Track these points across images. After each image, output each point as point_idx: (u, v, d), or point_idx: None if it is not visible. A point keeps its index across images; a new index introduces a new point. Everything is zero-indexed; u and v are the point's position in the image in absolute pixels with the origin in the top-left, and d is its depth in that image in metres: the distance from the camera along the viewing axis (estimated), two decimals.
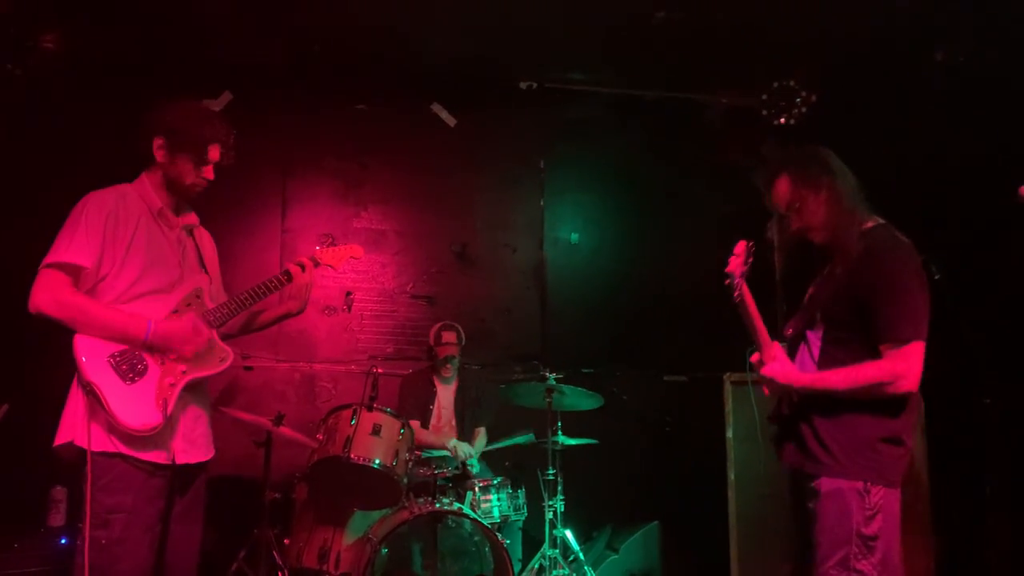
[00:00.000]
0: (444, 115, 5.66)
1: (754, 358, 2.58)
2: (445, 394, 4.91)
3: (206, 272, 2.96)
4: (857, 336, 2.49)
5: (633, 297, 5.74)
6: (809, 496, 2.50)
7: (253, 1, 4.65)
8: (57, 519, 3.93)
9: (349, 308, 5.40)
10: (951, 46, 4.77)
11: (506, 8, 4.78)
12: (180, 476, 2.74)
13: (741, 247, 2.77)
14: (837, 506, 2.43)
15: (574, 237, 5.87)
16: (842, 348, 2.51)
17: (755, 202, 5.91)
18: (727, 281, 2.77)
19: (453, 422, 4.87)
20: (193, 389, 2.78)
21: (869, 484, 2.43)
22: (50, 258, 2.64)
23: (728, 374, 4.54)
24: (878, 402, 2.45)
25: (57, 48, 4.90)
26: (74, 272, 2.64)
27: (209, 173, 2.85)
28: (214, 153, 2.83)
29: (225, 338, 2.97)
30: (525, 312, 5.71)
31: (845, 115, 5.31)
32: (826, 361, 2.54)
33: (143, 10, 4.67)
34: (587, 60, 5.53)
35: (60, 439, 2.60)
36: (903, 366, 2.40)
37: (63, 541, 3.79)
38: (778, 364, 2.56)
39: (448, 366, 4.85)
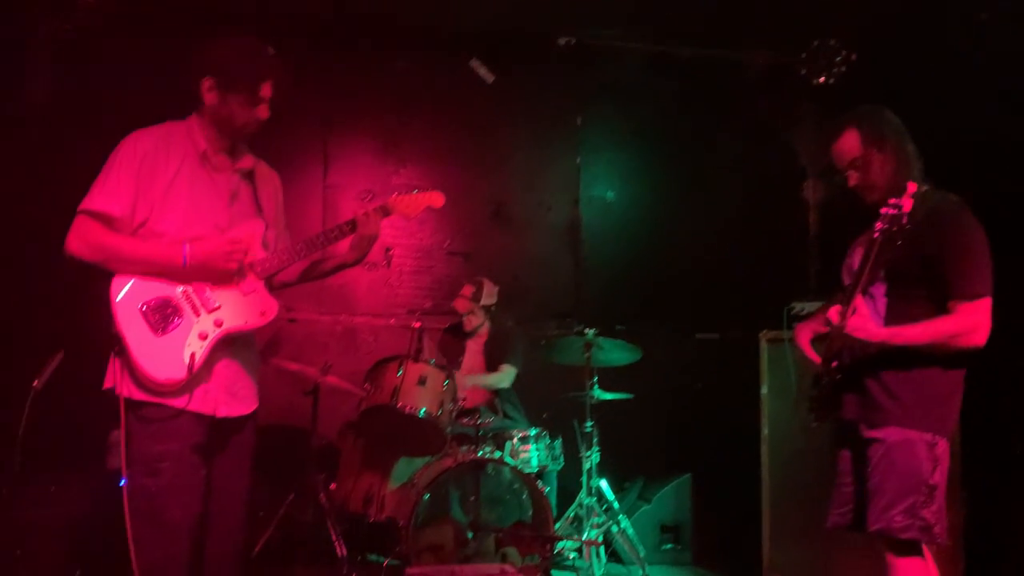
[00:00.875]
0: (482, 71, 5.67)
1: (833, 311, 2.56)
2: (473, 348, 5.01)
3: (262, 218, 2.81)
4: (924, 292, 2.56)
5: (667, 255, 5.80)
6: (870, 446, 2.60)
7: None
8: (115, 462, 4.06)
9: (389, 263, 5.51)
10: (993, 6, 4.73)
11: None
12: (224, 428, 2.70)
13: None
14: (907, 456, 2.53)
15: (610, 195, 5.91)
16: (909, 303, 2.58)
17: (790, 162, 5.95)
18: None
19: (484, 372, 4.97)
20: (236, 342, 2.70)
21: (936, 436, 2.53)
22: (83, 204, 2.59)
23: (764, 332, 4.60)
24: (946, 356, 2.54)
25: (101, 5, 4.97)
26: (106, 220, 2.57)
27: (263, 111, 2.69)
28: (267, 90, 2.66)
29: (283, 285, 2.91)
30: (559, 269, 5.79)
31: (885, 75, 5.28)
32: (893, 316, 2.61)
33: None
34: (625, 17, 5.51)
35: (107, 383, 2.62)
36: (974, 321, 2.50)
37: (122, 483, 3.94)
38: (860, 319, 2.54)
39: (463, 319, 4.93)
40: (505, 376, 4.84)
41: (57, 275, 4.59)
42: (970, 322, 2.50)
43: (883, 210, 2.42)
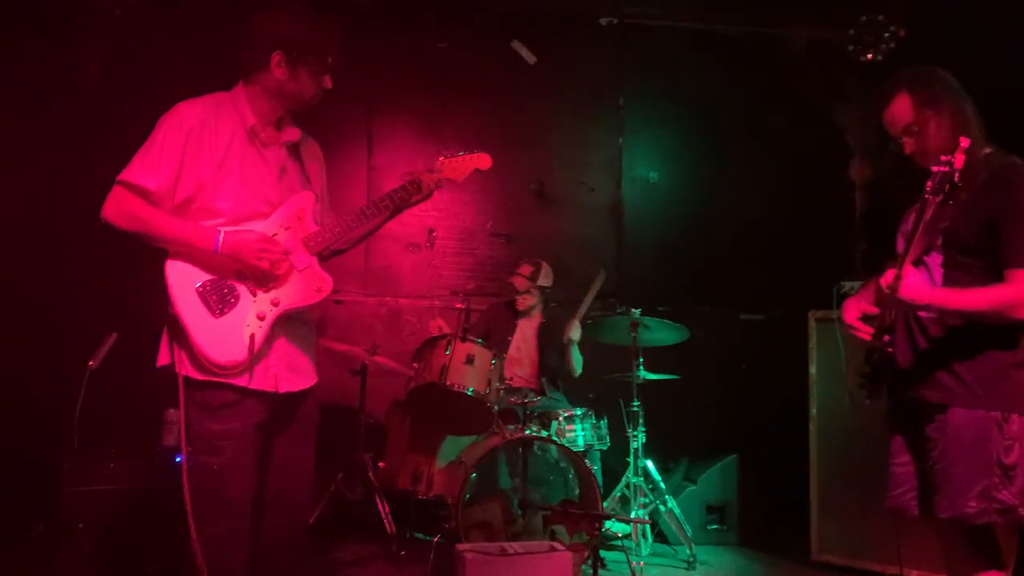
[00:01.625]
0: (524, 52, 5.66)
1: (886, 277, 2.38)
2: (525, 329, 5.01)
3: (310, 189, 2.77)
4: (982, 261, 2.41)
5: (710, 236, 5.75)
6: (934, 427, 2.45)
7: None
8: (170, 439, 4.15)
9: (431, 245, 5.53)
10: None
11: None
12: (287, 403, 2.69)
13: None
14: (975, 437, 2.38)
15: (653, 176, 5.88)
16: (966, 273, 2.43)
17: (836, 141, 5.86)
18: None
19: (534, 356, 4.97)
20: (293, 318, 2.68)
21: (1007, 413, 2.38)
22: (122, 175, 2.54)
23: (812, 311, 4.55)
24: (1003, 328, 2.39)
25: None
26: (142, 193, 2.52)
27: (328, 82, 2.67)
28: (332, 61, 2.66)
29: (333, 254, 2.86)
30: (602, 250, 5.77)
31: (936, 51, 5.17)
32: (949, 285, 2.45)
33: None
34: None
35: (161, 361, 2.59)
36: None
37: (178, 459, 4.02)
38: (912, 280, 2.38)
39: (517, 298, 4.93)
40: (580, 362, 4.86)
41: (110, 256, 4.73)
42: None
43: (934, 168, 2.26)
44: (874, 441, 3.10)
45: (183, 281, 2.52)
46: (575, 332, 4.71)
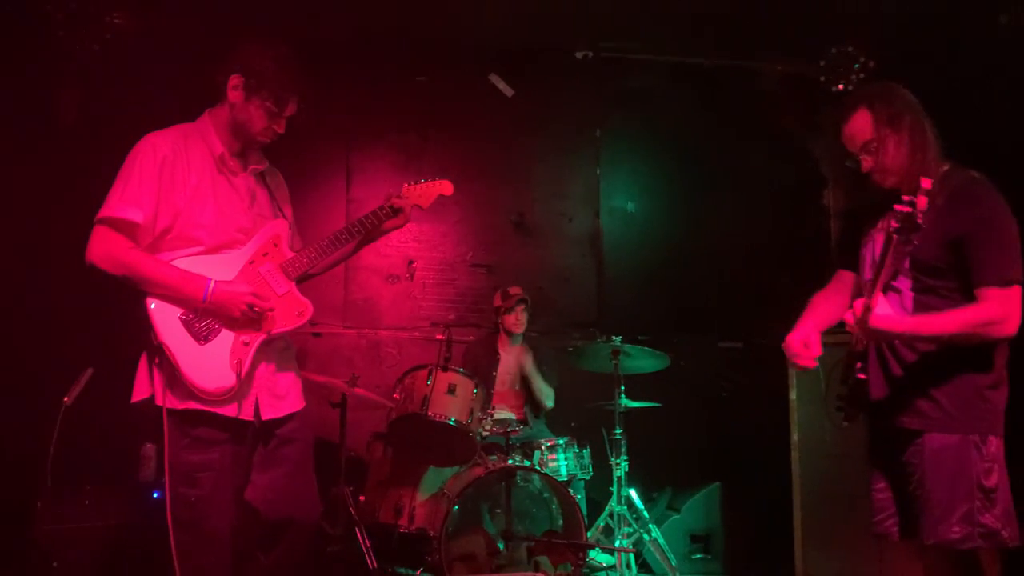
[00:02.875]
0: (502, 85, 5.73)
1: (856, 305, 2.36)
2: (508, 361, 5.00)
3: (283, 216, 2.78)
4: (952, 282, 2.39)
5: (688, 265, 5.80)
6: (913, 453, 2.41)
7: None
8: (147, 474, 4.09)
9: (412, 276, 5.53)
10: (1017, 8, 4.73)
11: None
12: (274, 430, 2.66)
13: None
14: (954, 461, 2.35)
15: (630, 206, 5.93)
16: (936, 296, 2.40)
17: (810, 170, 5.95)
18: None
19: (517, 387, 4.97)
20: (272, 343, 2.66)
21: (985, 435, 2.35)
22: (102, 212, 2.50)
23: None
24: (977, 348, 2.36)
25: (128, 23, 5.05)
26: (127, 228, 2.49)
27: (281, 127, 2.63)
28: (292, 107, 2.61)
29: (306, 278, 2.82)
30: (582, 280, 5.81)
31: (904, 81, 5.29)
32: (921, 311, 2.42)
33: None
34: (643, 29, 5.56)
35: (137, 395, 2.55)
36: (1007, 308, 2.31)
37: (155, 495, 3.96)
38: (882, 310, 2.36)
39: (508, 319, 4.93)
40: (550, 395, 4.89)
41: (85, 292, 4.68)
42: (1001, 310, 2.30)
43: (896, 207, 2.19)
44: (857, 466, 3.06)
45: (165, 311, 2.50)
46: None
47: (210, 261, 2.57)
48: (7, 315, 4.51)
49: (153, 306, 2.49)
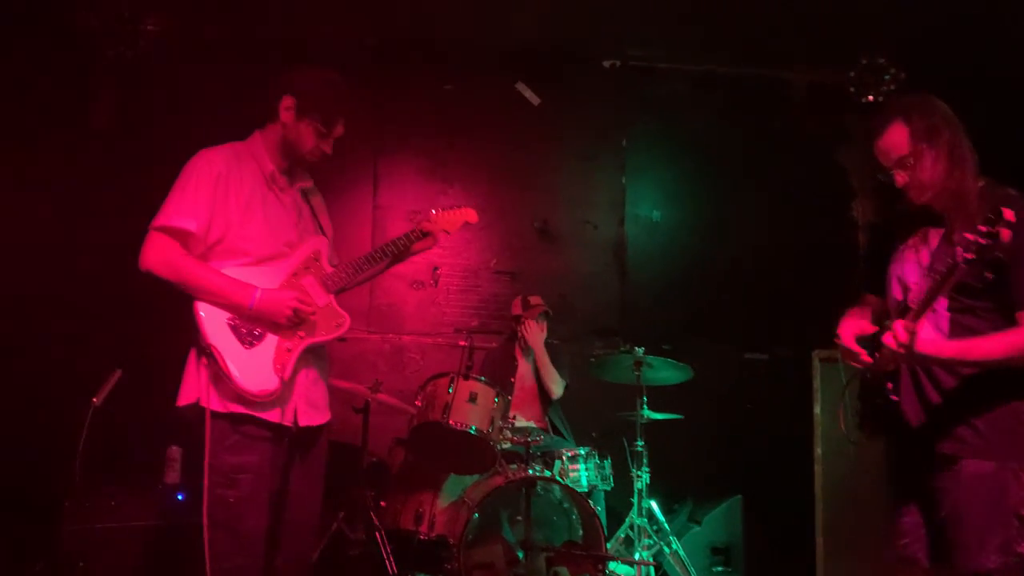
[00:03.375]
0: (528, 94, 5.75)
1: (898, 327, 2.28)
2: (525, 367, 5.01)
3: (324, 234, 2.94)
4: (990, 303, 2.32)
5: (713, 274, 5.77)
6: (947, 479, 2.35)
7: None
8: (173, 476, 4.15)
9: (436, 283, 5.56)
10: None
11: None
12: (303, 437, 2.78)
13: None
14: (992, 489, 2.29)
15: (656, 215, 5.91)
16: (974, 316, 2.34)
17: (838, 181, 5.91)
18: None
19: (536, 392, 4.97)
20: (313, 352, 2.79)
21: None
22: (158, 221, 2.62)
23: (816, 351, 4.55)
24: (1017, 373, 2.29)
25: (160, 30, 5.15)
26: (181, 236, 2.62)
27: (328, 146, 2.79)
28: (340, 128, 2.78)
29: (339, 291, 2.96)
30: (605, 288, 5.79)
31: (936, 92, 5.23)
32: (957, 331, 2.36)
33: None
34: (669, 37, 5.57)
35: (184, 399, 2.64)
36: None
37: (180, 497, 4.01)
38: (926, 334, 2.30)
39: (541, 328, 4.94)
40: (560, 384, 4.84)
41: (114, 293, 4.77)
42: None
43: (971, 236, 2.08)
44: (880, 481, 3.01)
45: (214, 315, 2.63)
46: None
47: (256, 271, 2.71)
48: (38, 316, 4.61)
49: (202, 310, 2.61)
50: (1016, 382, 2.32)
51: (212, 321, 2.61)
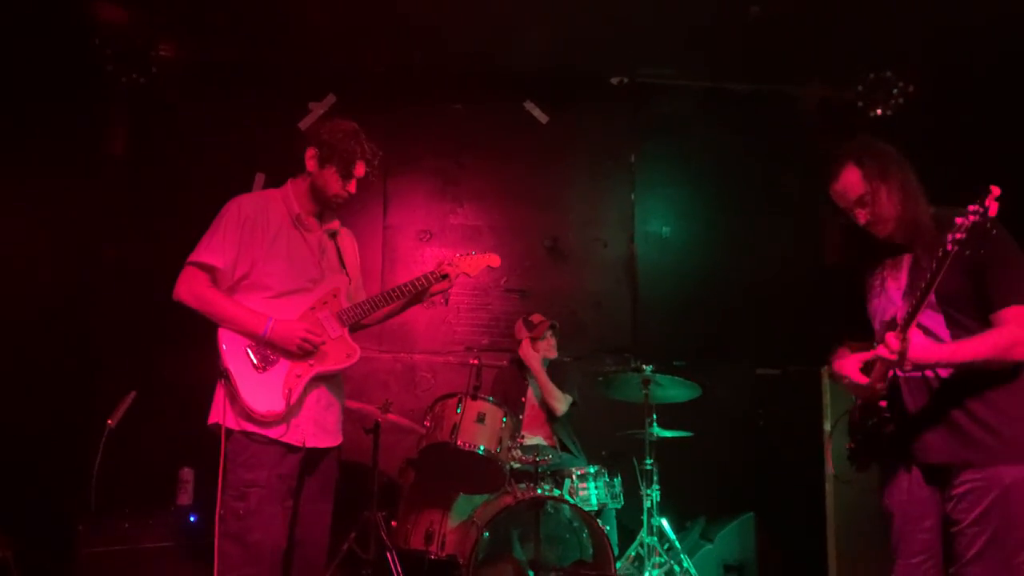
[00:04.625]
0: (536, 112, 5.78)
1: (889, 338, 2.33)
2: (535, 387, 5.01)
3: (346, 273, 3.20)
4: (980, 312, 2.41)
5: (724, 291, 5.75)
6: (970, 489, 2.36)
7: (355, 8, 4.88)
8: (185, 498, 4.20)
9: (446, 301, 5.55)
10: None
11: (597, 5, 4.88)
12: (312, 458, 3.02)
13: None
14: (1020, 497, 2.31)
15: (665, 231, 5.91)
16: (966, 330, 2.42)
17: None
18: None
19: (544, 415, 4.96)
20: (326, 380, 3.05)
21: None
22: (192, 257, 2.98)
23: (825, 367, 4.53)
24: (1012, 372, 2.36)
25: (173, 56, 5.24)
26: (209, 270, 2.96)
27: (352, 187, 3.10)
28: (360, 169, 3.09)
29: (362, 328, 3.28)
30: (616, 306, 5.79)
31: (944, 105, 5.21)
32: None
33: (252, 17, 4.94)
34: (678, 54, 5.58)
35: (211, 419, 2.93)
36: None
37: (192, 519, 4.06)
38: (918, 340, 2.35)
39: (550, 344, 4.95)
40: (564, 402, 4.83)
41: (130, 315, 4.83)
42: (1022, 330, 2.33)
43: (958, 219, 2.17)
44: None
45: (234, 341, 2.92)
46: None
47: (278, 304, 2.99)
48: (53, 339, 4.68)
49: (224, 336, 2.91)
50: (1009, 378, 2.38)
51: (232, 346, 2.90)
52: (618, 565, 4.12)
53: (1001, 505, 2.32)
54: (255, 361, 2.91)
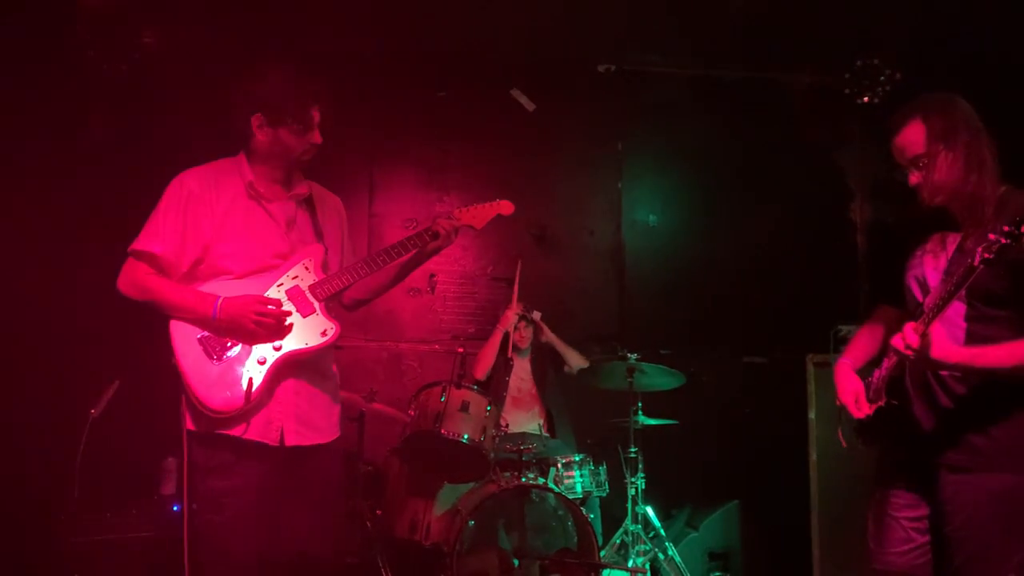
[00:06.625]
0: (523, 100, 5.75)
1: (908, 330, 2.20)
2: (522, 366, 5.01)
3: (322, 243, 2.79)
4: (1008, 311, 2.25)
5: (711, 279, 5.75)
6: (960, 492, 2.28)
7: None
8: (168, 488, 4.18)
9: (433, 290, 5.58)
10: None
11: None
12: (298, 459, 2.63)
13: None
14: (1012, 504, 2.22)
15: (652, 219, 5.91)
16: (991, 325, 2.26)
17: (836, 183, 5.89)
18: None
19: (534, 391, 4.97)
20: (303, 366, 2.64)
21: None
22: (131, 245, 2.65)
23: (810, 355, 4.54)
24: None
25: (158, 43, 5.17)
26: (150, 259, 2.61)
27: (316, 136, 2.69)
28: (316, 114, 2.67)
29: (357, 304, 2.97)
30: (603, 294, 5.79)
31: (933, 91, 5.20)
32: (974, 341, 2.27)
33: (236, 4, 4.89)
34: (665, 42, 5.56)
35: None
36: None
37: (175, 508, 4.04)
38: (940, 338, 2.20)
39: (514, 335, 4.91)
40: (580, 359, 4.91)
41: (112, 308, 4.79)
42: None
43: (992, 236, 2.01)
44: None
45: (185, 332, 2.58)
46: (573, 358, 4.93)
47: (241, 285, 2.63)
48: (35, 327, 4.64)
49: (174, 328, 2.58)
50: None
51: (182, 338, 2.57)
52: (603, 553, 4.14)
53: (984, 510, 2.25)
54: (210, 350, 2.54)
